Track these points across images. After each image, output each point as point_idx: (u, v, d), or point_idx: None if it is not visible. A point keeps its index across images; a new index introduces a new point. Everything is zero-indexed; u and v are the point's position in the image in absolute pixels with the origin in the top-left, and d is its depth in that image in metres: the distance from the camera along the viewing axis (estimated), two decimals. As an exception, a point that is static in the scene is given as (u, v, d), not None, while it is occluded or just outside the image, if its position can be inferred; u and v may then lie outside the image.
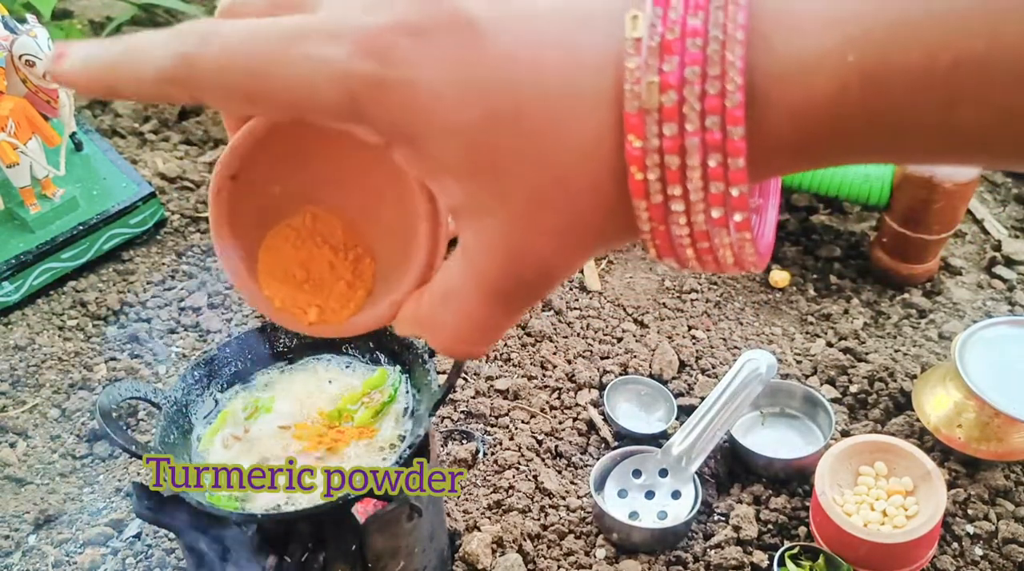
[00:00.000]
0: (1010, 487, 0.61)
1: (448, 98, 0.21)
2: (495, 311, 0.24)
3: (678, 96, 0.19)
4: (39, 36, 0.77)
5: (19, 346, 0.78)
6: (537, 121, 0.21)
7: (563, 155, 0.21)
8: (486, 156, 0.21)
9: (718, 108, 0.19)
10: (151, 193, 0.88)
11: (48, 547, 0.61)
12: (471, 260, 0.24)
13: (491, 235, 0.23)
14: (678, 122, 0.20)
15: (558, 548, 0.58)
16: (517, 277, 0.23)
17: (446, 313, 0.24)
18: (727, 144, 0.20)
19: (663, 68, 0.20)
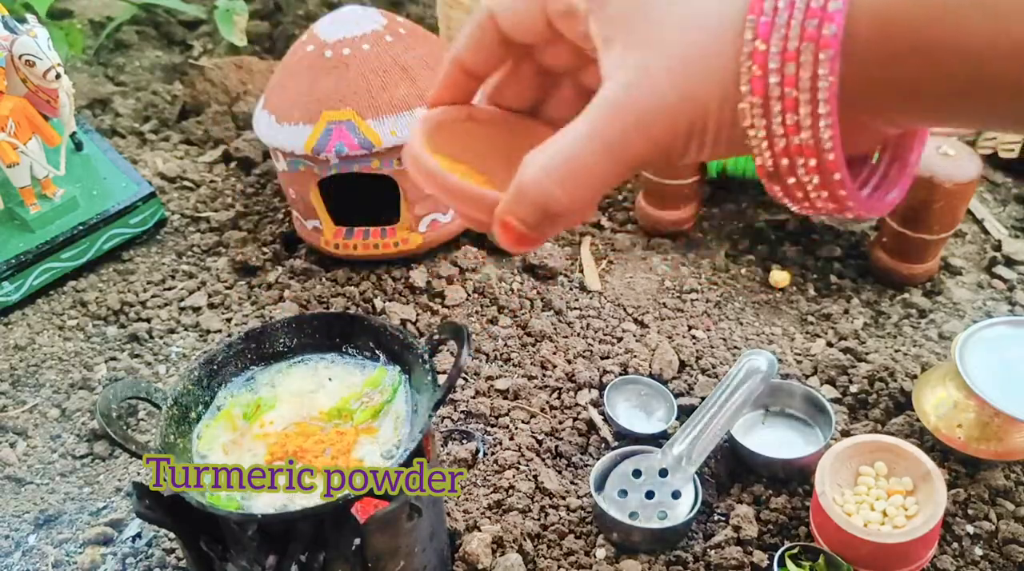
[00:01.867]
0: (1010, 487, 0.61)
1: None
2: (603, 159, 0.29)
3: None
4: (39, 36, 0.77)
5: (19, 346, 0.78)
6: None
7: (700, 18, 0.28)
8: (645, 11, 0.29)
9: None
10: (151, 193, 0.88)
11: (48, 547, 0.61)
12: (595, 114, 0.30)
13: (619, 74, 0.29)
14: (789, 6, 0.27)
15: (558, 548, 0.58)
16: (629, 118, 0.29)
17: (555, 152, 0.30)
18: (824, 12, 0.26)
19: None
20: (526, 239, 0.30)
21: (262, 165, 0.99)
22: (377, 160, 0.78)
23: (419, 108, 0.77)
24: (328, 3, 1.32)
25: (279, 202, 0.94)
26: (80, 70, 1.19)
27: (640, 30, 0.29)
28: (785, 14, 0.27)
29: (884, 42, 0.26)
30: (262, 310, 0.80)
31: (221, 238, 0.89)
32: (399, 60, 0.78)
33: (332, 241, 0.83)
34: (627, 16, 0.30)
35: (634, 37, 0.29)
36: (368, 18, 0.80)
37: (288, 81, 0.80)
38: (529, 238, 0.30)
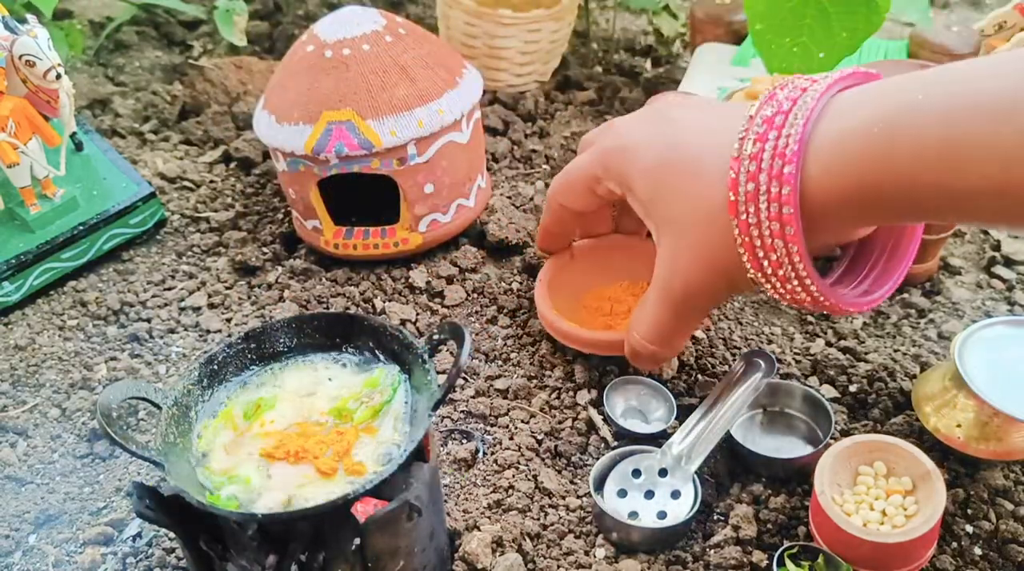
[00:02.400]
0: (1009, 487, 0.61)
1: (644, 150, 0.42)
2: (665, 314, 0.44)
3: (756, 167, 0.38)
4: (39, 36, 0.78)
5: (19, 346, 0.78)
6: (690, 166, 0.40)
7: (702, 190, 0.39)
8: (660, 189, 0.41)
9: (782, 156, 0.37)
10: (151, 193, 0.88)
11: (48, 547, 0.61)
12: (656, 272, 0.43)
13: (662, 249, 0.42)
14: (756, 180, 0.37)
15: (558, 548, 0.58)
16: (676, 284, 0.42)
17: (641, 314, 0.47)
18: (783, 177, 0.36)
19: (753, 152, 0.39)
20: (653, 361, 0.52)
21: (262, 165, 0.99)
22: (377, 160, 0.78)
23: (419, 108, 0.77)
24: (328, 3, 1.32)
25: (279, 202, 0.94)
26: (80, 70, 1.20)
27: (663, 218, 0.41)
28: (754, 214, 0.37)
29: (836, 206, 0.36)
30: (262, 310, 0.80)
31: (221, 238, 0.89)
32: (399, 60, 0.78)
33: (332, 241, 0.83)
34: (653, 202, 0.41)
35: (662, 223, 0.42)
36: (368, 18, 0.80)
37: (288, 81, 0.80)
38: (655, 362, 0.51)
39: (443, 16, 1.10)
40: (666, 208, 0.39)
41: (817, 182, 0.34)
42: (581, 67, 1.18)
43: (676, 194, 0.39)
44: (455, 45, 1.07)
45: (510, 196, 0.93)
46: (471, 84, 0.82)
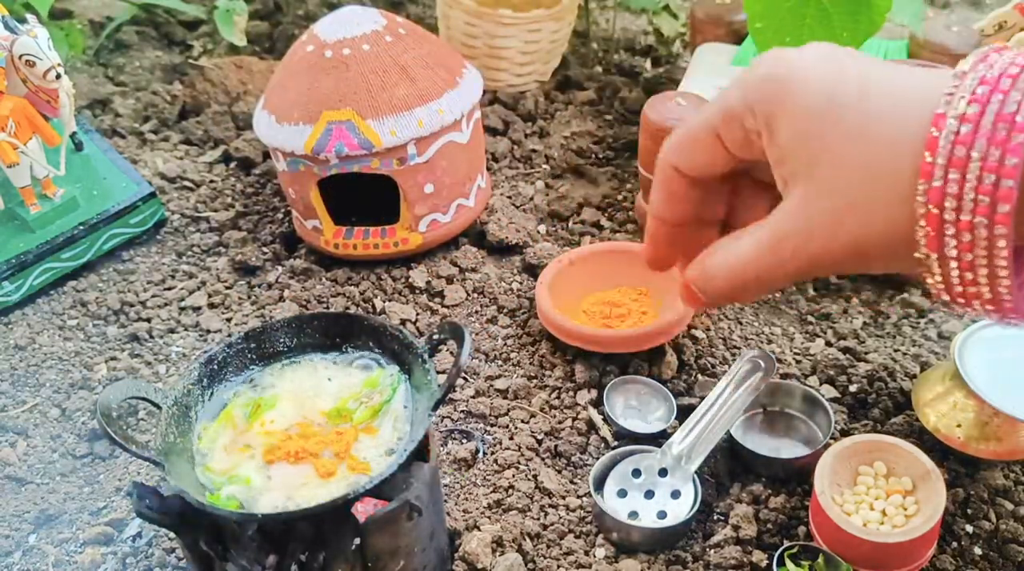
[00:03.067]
0: (1009, 486, 0.61)
1: (812, 84, 0.32)
2: (775, 272, 0.34)
3: (972, 130, 0.28)
4: (39, 36, 0.78)
5: (19, 346, 0.78)
6: (868, 117, 0.31)
7: (876, 148, 0.30)
8: (818, 137, 0.31)
9: (1009, 122, 0.27)
10: (151, 193, 0.88)
11: (48, 546, 0.61)
12: (776, 227, 0.34)
13: (797, 205, 0.33)
14: (967, 144, 0.28)
15: (558, 547, 0.58)
16: (811, 249, 0.32)
17: (733, 257, 0.35)
18: (1008, 146, 0.27)
19: (967, 113, 0.28)
20: (700, 303, 0.38)
21: (262, 165, 0.99)
22: (377, 160, 0.78)
23: (419, 108, 0.77)
24: (328, 3, 1.32)
25: (279, 202, 0.94)
26: (80, 70, 1.20)
27: (809, 171, 0.32)
28: (956, 182, 0.28)
29: None
30: (262, 310, 0.80)
31: (221, 238, 0.89)
32: (399, 60, 0.78)
33: (332, 241, 0.83)
34: (800, 151, 0.32)
35: (805, 177, 0.32)
36: (368, 18, 0.80)
37: (288, 81, 0.80)
38: (703, 303, 0.38)
39: (443, 16, 1.10)
40: (818, 161, 0.31)
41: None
42: (581, 67, 1.18)
43: (840, 146, 0.31)
44: (455, 45, 1.07)
45: (510, 196, 0.93)
46: (471, 84, 0.82)
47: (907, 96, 0.30)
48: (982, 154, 0.27)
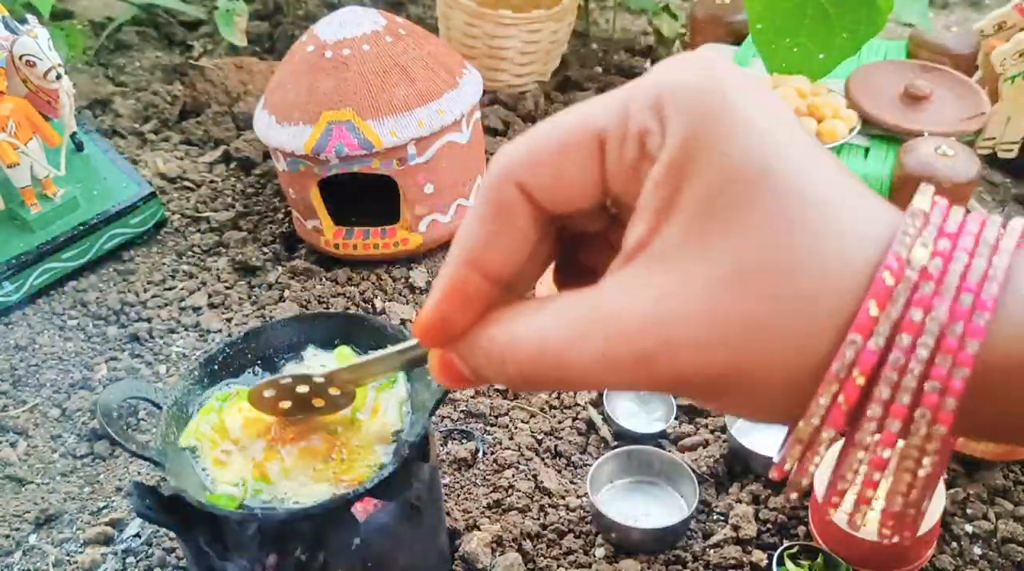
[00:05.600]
0: (1009, 487, 0.61)
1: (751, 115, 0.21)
2: (589, 367, 0.22)
3: (932, 291, 0.20)
4: (39, 36, 0.78)
5: (20, 346, 0.78)
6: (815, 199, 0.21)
7: (823, 244, 0.21)
8: (742, 184, 0.21)
9: (972, 292, 0.20)
10: (151, 193, 0.88)
11: (49, 546, 0.61)
12: (618, 283, 0.22)
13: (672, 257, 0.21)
14: (927, 306, 0.20)
15: (557, 547, 0.58)
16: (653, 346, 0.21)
17: (536, 346, 0.22)
18: (971, 318, 0.20)
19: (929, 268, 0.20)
20: (467, 383, 0.25)
21: (262, 165, 0.99)
22: (377, 160, 0.78)
23: (419, 108, 0.77)
24: (328, 3, 1.32)
25: (279, 202, 0.94)
26: (80, 70, 1.19)
27: (739, 243, 0.21)
28: (903, 353, 0.20)
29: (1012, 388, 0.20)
30: (262, 310, 0.80)
31: (221, 238, 0.89)
32: (399, 61, 0.78)
33: (332, 241, 0.83)
34: (729, 205, 0.21)
35: (721, 248, 0.21)
36: (368, 19, 0.80)
37: (288, 81, 0.80)
38: (471, 383, 0.25)
39: (443, 16, 1.10)
40: (742, 208, 0.21)
41: (1004, 346, 0.20)
42: (581, 67, 1.18)
43: (779, 208, 0.21)
44: (455, 45, 1.07)
45: (510, 196, 0.93)
46: (471, 84, 0.82)
47: (860, 206, 0.21)
48: (942, 326, 0.20)
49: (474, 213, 0.24)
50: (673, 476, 0.61)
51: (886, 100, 0.84)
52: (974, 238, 0.21)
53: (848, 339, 0.20)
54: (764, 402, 0.21)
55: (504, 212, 0.24)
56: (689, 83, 0.21)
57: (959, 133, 0.82)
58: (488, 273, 0.24)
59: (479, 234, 0.24)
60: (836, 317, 0.20)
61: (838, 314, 0.20)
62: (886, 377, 0.20)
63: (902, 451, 0.21)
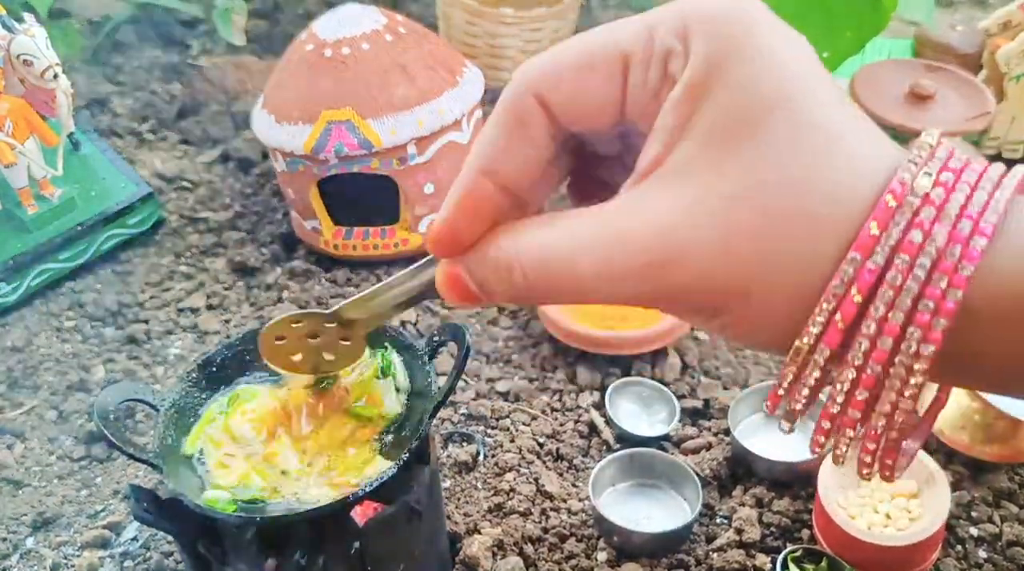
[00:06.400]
0: (1014, 489, 0.61)
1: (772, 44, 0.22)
2: (593, 280, 0.22)
3: (933, 216, 0.20)
4: (37, 35, 0.77)
5: (16, 347, 0.77)
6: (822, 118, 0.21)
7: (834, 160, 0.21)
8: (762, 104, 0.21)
9: (973, 219, 0.20)
10: (149, 193, 0.88)
11: (46, 550, 0.60)
12: (632, 199, 0.22)
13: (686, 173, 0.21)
14: (924, 229, 0.20)
15: (559, 551, 0.58)
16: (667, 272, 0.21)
17: (546, 252, 0.23)
18: (968, 243, 0.20)
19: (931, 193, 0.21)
20: (472, 298, 0.25)
21: (261, 165, 0.98)
22: (376, 160, 0.77)
23: (419, 107, 0.76)
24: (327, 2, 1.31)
25: (278, 202, 0.93)
26: (78, 70, 1.19)
27: (752, 161, 0.21)
28: (901, 272, 0.20)
29: (1007, 318, 0.20)
30: (261, 311, 0.80)
31: (219, 239, 0.89)
32: (399, 59, 0.77)
33: (331, 242, 0.83)
34: (745, 125, 0.21)
35: (735, 164, 0.21)
36: (368, 17, 0.80)
37: (287, 80, 0.79)
38: (476, 299, 0.25)
39: (444, 15, 1.09)
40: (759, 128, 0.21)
41: (1001, 279, 0.20)
42: (582, 66, 1.17)
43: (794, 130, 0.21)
44: (456, 44, 1.07)
45: (511, 196, 0.92)
46: (472, 83, 0.81)
47: (870, 139, 0.22)
48: (939, 249, 0.20)
49: (492, 122, 0.25)
50: (676, 479, 0.60)
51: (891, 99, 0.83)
52: (977, 174, 0.21)
53: (848, 257, 0.20)
54: (762, 320, 0.22)
55: (522, 123, 0.24)
56: (715, 9, 0.22)
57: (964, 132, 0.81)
58: (502, 182, 0.24)
59: (495, 143, 0.24)
60: (840, 237, 0.21)
61: (842, 235, 0.21)
62: (882, 294, 0.20)
63: (891, 369, 0.21)
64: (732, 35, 0.21)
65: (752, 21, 0.22)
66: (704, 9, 0.22)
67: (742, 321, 0.22)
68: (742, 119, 0.21)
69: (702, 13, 0.22)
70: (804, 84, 0.21)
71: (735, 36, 0.21)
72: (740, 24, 0.21)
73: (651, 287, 0.22)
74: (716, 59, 0.21)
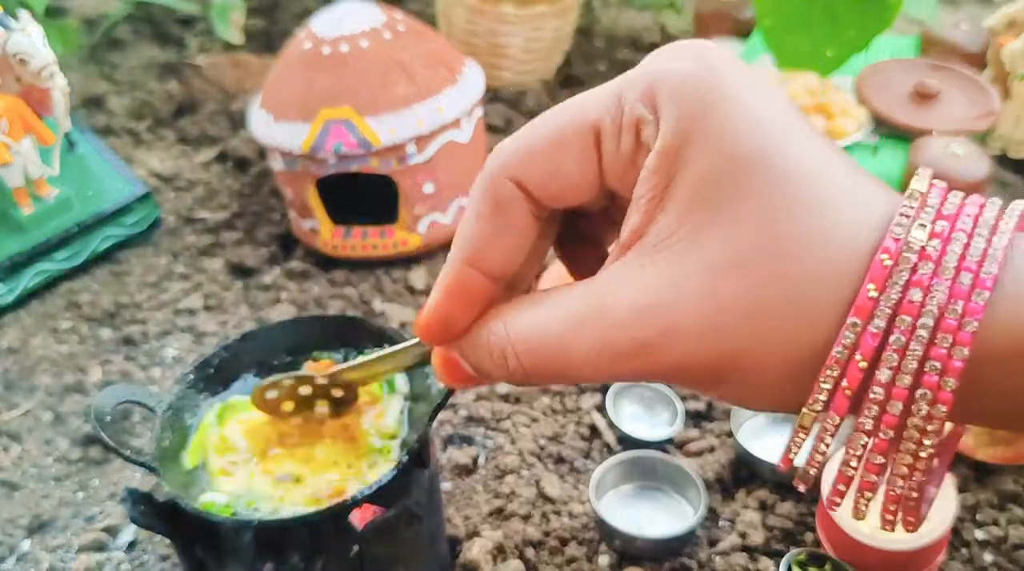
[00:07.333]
0: (1019, 492, 0.60)
1: (732, 85, 0.22)
2: (590, 358, 0.22)
3: (931, 272, 0.20)
4: (33, 34, 0.76)
5: (12, 349, 0.77)
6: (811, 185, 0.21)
7: (822, 223, 0.20)
8: (739, 172, 0.20)
9: (972, 271, 0.20)
10: (146, 193, 0.87)
11: (42, 553, 0.60)
12: (607, 279, 0.22)
13: (667, 246, 0.21)
14: (923, 287, 0.20)
15: (560, 555, 0.57)
16: (655, 311, 0.21)
17: (539, 335, 0.22)
18: (969, 298, 0.20)
19: (927, 247, 0.20)
20: (471, 381, 0.25)
21: (259, 164, 0.98)
22: (376, 159, 0.77)
23: (418, 106, 0.76)
24: None
25: (276, 202, 0.93)
26: (74, 68, 1.18)
27: (733, 227, 0.20)
28: (904, 334, 0.20)
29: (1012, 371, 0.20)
30: (259, 312, 0.79)
31: (217, 239, 0.88)
32: (398, 57, 0.77)
33: (330, 242, 0.82)
34: (723, 189, 0.20)
35: (715, 232, 0.20)
36: (367, 14, 0.79)
37: (285, 78, 0.79)
38: (475, 382, 0.25)
39: (444, 13, 1.09)
40: (738, 199, 0.20)
41: (1006, 325, 0.20)
42: (585, 64, 1.17)
43: (772, 196, 0.20)
44: (456, 42, 1.06)
45: (511, 195, 0.92)
46: (472, 81, 0.81)
47: (857, 190, 0.21)
48: (940, 306, 0.20)
49: (472, 211, 0.24)
50: (678, 482, 0.60)
51: (896, 98, 0.83)
52: (972, 219, 0.21)
53: (848, 322, 0.20)
54: (764, 389, 0.22)
55: (502, 209, 0.24)
56: (682, 71, 0.21)
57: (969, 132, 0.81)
58: (488, 271, 0.24)
59: (477, 232, 0.24)
60: (835, 301, 0.20)
61: (837, 298, 0.20)
62: (887, 359, 0.20)
63: (904, 432, 0.21)
64: (701, 98, 0.21)
65: (719, 80, 0.21)
66: (670, 71, 0.21)
67: (742, 391, 0.22)
68: (719, 183, 0.20)
69: (669, 76, 0.21)
70: (781, 141, 0.21)
71: (704, 99, 0.21)
72: (708, 85, 0.21)
73: (645, 365, 0.22)
74: (686, 124, 0.21)
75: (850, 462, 0.22)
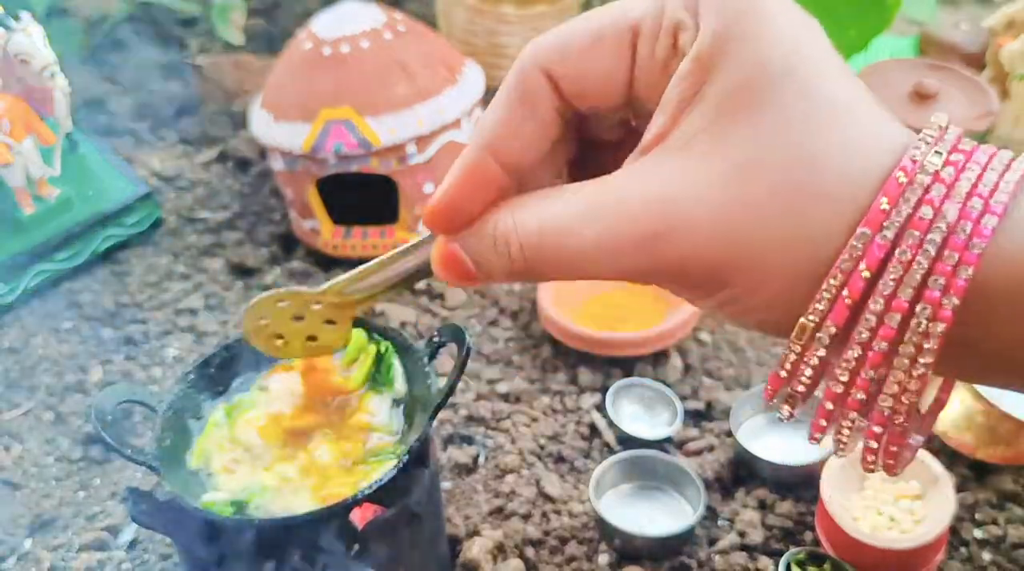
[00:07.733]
0: (1019, 491, 0.60)
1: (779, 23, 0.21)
2: (597, 254, 0.21)
3: (943, 194, 0.20)
4: (34, 34, 0.77)
5: (13, 348, 0.77)
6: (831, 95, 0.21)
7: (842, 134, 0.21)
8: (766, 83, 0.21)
9: (984, 198, 0.20)
10: (147, 193, 0.87)
11: (43, 552, 0.60)
12: (632, 173, 0.22)
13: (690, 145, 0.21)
14: (934, 206, 0.20)
15: (560, 554, 0.58)
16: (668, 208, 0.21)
17: (549, 225, 0.22)
18: (979, 221, 0.20)
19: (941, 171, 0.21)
20: (469, 277, 0.24)
21: (259, 165, 0.98)
22: (376, 159, 0.77)
23: (418, 106, 0.76)
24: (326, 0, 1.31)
25: (276, 202, 0.93)
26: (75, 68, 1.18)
27: (759, 134, 0.20)
28: (910, 248, 0.20)
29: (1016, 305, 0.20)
30: (259, 312, 0.79)
31: (217, 239, 0.88)
32: (398, 57, 0.77)
33: (330, 242, 0.82)
34: (753, 98, 0.20)
35: (742, 136, 0.20)
36: (367, 15, 0.79)
37: (285, 79, 0.79)
38: (473, 278, 0.24)
39: (444, 13, 1.09)
40: (763, 106, 0.20)
41: (1010, 260, 0.20)
42: (582, 65, 1.17)
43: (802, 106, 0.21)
44: (456, 42, 1.06)
45: (511, 196, 0.92)
46: (472, 81, 0.81)
47: (878, 116, 0.22)
48: (950, 225, 0.20)
49: (498, 98, 0.24)
50: (678, 481, 0.60)
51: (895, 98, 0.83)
52: (988, 155, 0.21)
53: (857, 232, 0.20)
54: (765, 296, 0.21)
55: (528, 99, 0.24)
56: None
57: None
58: (505, 160, 0.24)
59: (502, 119, 0.24)
60: (848, 213, 0.20)
61: (850, 210, 0.20)
62: (892, 270, 0.20)
63: (899, 347, 0.20)
64: (742, 10, 0.21)
65: (755, 9, 0.21)
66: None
67: (743, 297, 0.22)
68: (750, 92, 0.21)
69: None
70: (814, 59, 0.21)
71: (745, 11, 0.21)
72: (750, 0, 0.21)
73: (650, 259, 0.21)
74: (725, 33, 0.21)
75: (840, 377, 0.21)
